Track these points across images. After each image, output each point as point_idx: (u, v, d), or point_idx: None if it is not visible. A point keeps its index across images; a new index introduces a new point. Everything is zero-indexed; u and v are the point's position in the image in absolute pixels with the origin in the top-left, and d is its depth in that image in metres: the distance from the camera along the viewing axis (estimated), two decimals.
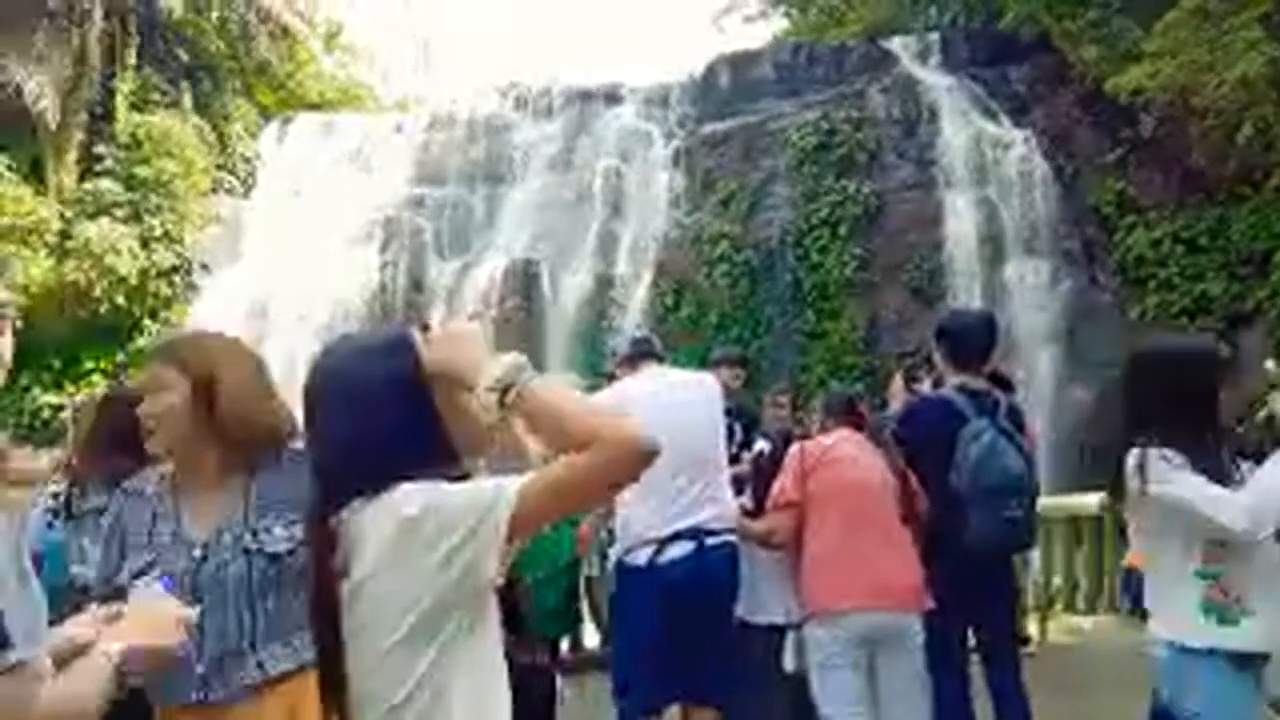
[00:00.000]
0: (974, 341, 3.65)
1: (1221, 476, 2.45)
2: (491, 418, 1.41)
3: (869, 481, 3.39)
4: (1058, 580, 7.17)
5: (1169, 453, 2.45)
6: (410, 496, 1.38)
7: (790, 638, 3.49)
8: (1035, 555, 7.02)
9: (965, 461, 3.35)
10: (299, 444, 2.04)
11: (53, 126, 14.95)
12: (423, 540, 1.36)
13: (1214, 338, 2.84)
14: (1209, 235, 12.23)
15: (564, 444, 1.38)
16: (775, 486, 3.47)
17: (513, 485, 1.38)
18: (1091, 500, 7.18)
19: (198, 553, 2.01)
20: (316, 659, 1.51)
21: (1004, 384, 6.06)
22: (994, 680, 3.58)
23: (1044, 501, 6.64)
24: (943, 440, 3.40)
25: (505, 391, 1.38)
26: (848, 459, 3.37)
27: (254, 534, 2.01)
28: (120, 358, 14.26)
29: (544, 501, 1.39)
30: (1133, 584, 3.87)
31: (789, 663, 3.47)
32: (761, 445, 3.84)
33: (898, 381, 4.88)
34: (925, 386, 4.43)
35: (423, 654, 1.39)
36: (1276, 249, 11.63)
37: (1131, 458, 2.50)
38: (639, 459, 1.38)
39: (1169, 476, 2.43)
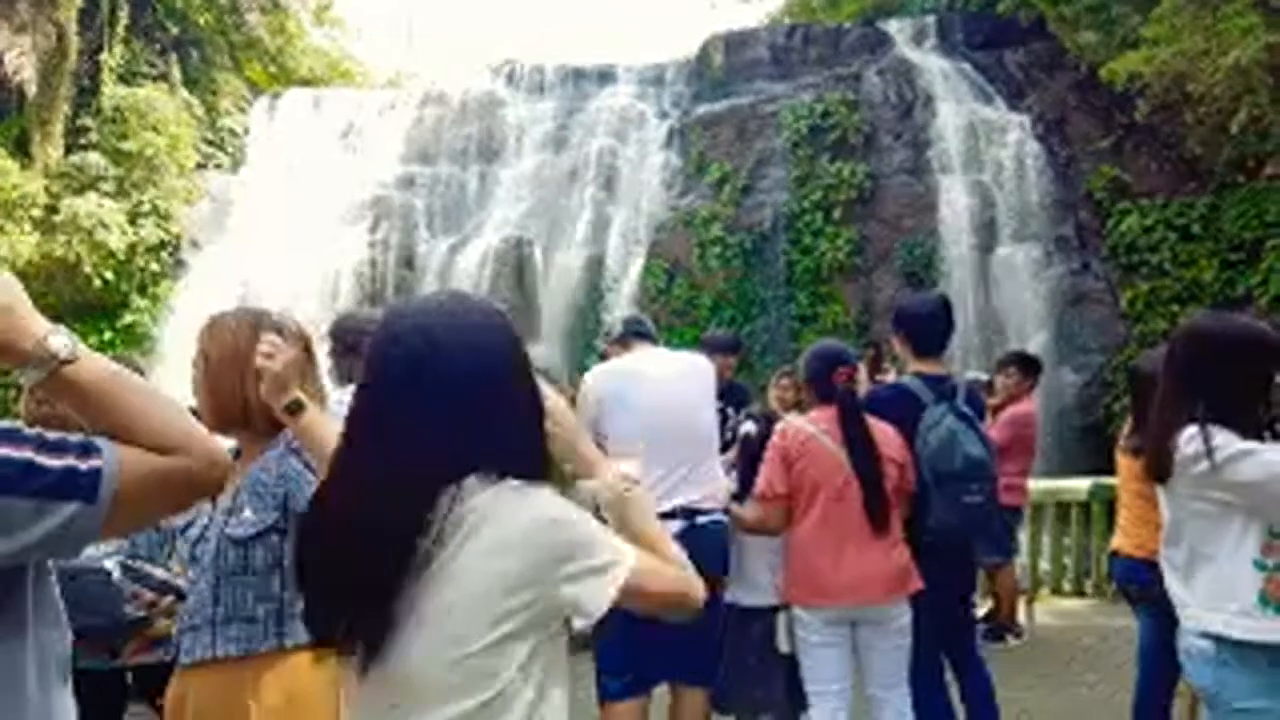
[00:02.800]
0: (932, 329, 3.63)
1: None
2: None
3: (847, 469, 3.29)
4: (1045, 564, 7.20)
5: (1215, 429, 2.35)
6: (554, 501, 1.41)
7: (782, 618, 3.49)
8: (1022, 539, 7.06)
9: (925, 448, 3.37)
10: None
11: (37, 99, 14.75)
12: (559, 548, 1.38)
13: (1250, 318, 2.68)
14: (1201, 222, 12.24)
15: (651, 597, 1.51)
16: (761, 477, 3.41)
17: (628, 563, 1.46)
18: (1080, 484, 7.21)
19: (193, 531, 2.14)
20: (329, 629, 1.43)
21: (1033, 364, 6.09)
22: (951, 653, 3.66)
23: (1032, 485, 6.71)
24: (903, 427, 3.40)
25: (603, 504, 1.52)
26: (827, 445, 3.31)
27: (239, 520, 2.06)
28: (108, 334, 14.16)
29: (630, 596, 1.48)
30: (1115, 568, 3.85)
31: (783, 644, 3.47)
32: (747, 427, 3.80)
33: (862, 372, 4.84)
34: (891, 376, 4.40)
35: (513, 656, 1.37)
36: (1268, 237, 11.65)
37: (1190, 434, 2.38)
38: (692, 607, 1.57)
39: (1243, 446, 2.31)
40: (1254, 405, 2.41)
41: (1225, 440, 2.33)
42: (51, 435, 1.18)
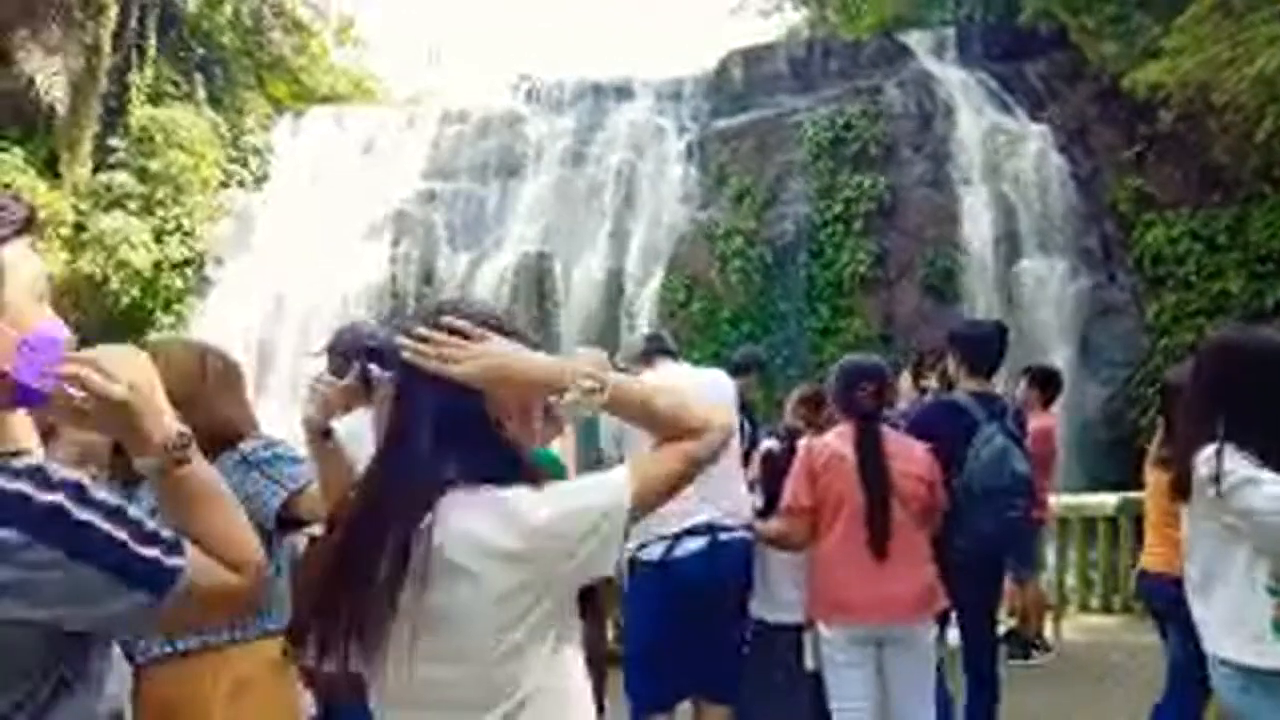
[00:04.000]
0: (988, 351, 3.83)
1: None
2: (585, 412, 1.45)
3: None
4: (1071, 580, 7.10)
5: (1246, 454, 2.29)
6: (533, 502, 1.37)
7: (809, 636, 3.47)
8: (1049, 554, 6.97)
9: (976, 462, 3.48)
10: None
11: (65, 118, 15.01)
12: (556, 545, 1.36)
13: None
14: (1228, 233, 12.10)
15: (671, 432, 1.47)
16: (786, 490, 3.42)
17: (627, 482, 1.41)
18: (1108, 500, 7.11)
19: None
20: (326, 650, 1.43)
21: (1047, 377, 6.04)
22: (971, 659, 3.82)
23: (1058, 501, 6.63)
24: (952, 442, 3.50)
25: (598, 391, 1.43)
26: (850, 461, 3.29)
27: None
28: None
29: (658, 491, 1.45)
30: (1143, 586, 3.81)
31: (810, 661, 3.46)
32: (769, 444, 3.80)
33: (906, 380, 4.86)
34: (933, 384, 4.41)
35: (534, 656, 1.37)
36: None
37: (1207, 455, 2.33)
38: (728, 443, 1.53)
39: (1249, 474, 2.26)
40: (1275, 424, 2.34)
41: (1234, 465, 2.28)
42: (149, 525, 1.21)
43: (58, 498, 1.13)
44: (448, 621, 1.33)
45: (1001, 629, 6.22)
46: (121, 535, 1.16)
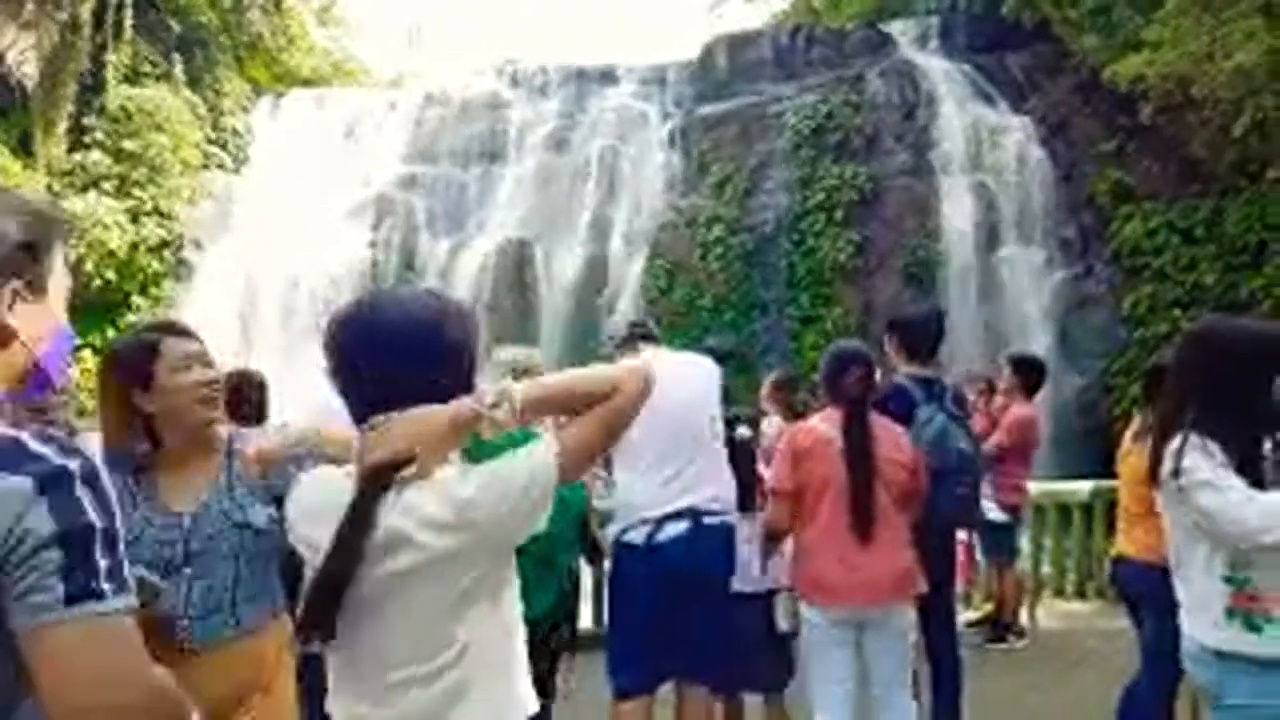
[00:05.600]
0: (925, 335, 3.89)
1: (1260, 473, 2.34)
2: (510, 429, 1.58)
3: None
4: (1047, 567, 7.19)
5: (1211, 445, 2.35)
6: (463, 477, 1.53)
7: (780, 598, 3.58)
8: (1024, 541, 7.05)
9: (919, 443, 3.53)
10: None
11: (40, 97, 14.77)
12: (484, 514, 1.50)
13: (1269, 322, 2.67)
14: (1204, 225, 12.24)
15: (588, 405, 1.59)
16: (769, 474, 3.47)
17: (549, 449, 1.56)
18: (1082, 487, 7.20)
19: (187, 523, 2.20)
20: (316, 611, 1.54)
21: (1029, 366, 6.09)
22: (933, 648, 3.89)
23: (1034, 488, 6.70)
24: (898, 422, 3.55)
25: (509, 410, 1.55)
26: (835, 446, 3.33)
27: (240, 508, 2.23)
28: (111, 333, 14.17)
29: (584, 450, 1.60)
30: (1120, 571, 3.88)
31: (782, 623, 3.59)
32: (741, 431, 3.83)
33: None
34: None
35: (464, 619, 1.51)
36: (1271, 240, 11.66)
37: (1173, 449, 2.39)
38: (649, 391, 1.65)
39: (1198, 463, 2.33)
40: (1252, 410, 2.39)
41: (1194, 463, 2.35)
42: (120, 552, 1.22)
43: (72, 464, 1.17)
44: (395, 584, 1.50)
45: (978, 615, 6.33)
46: (100, 526, 1.16)
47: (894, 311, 12.99)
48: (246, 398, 3.73)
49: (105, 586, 1.15)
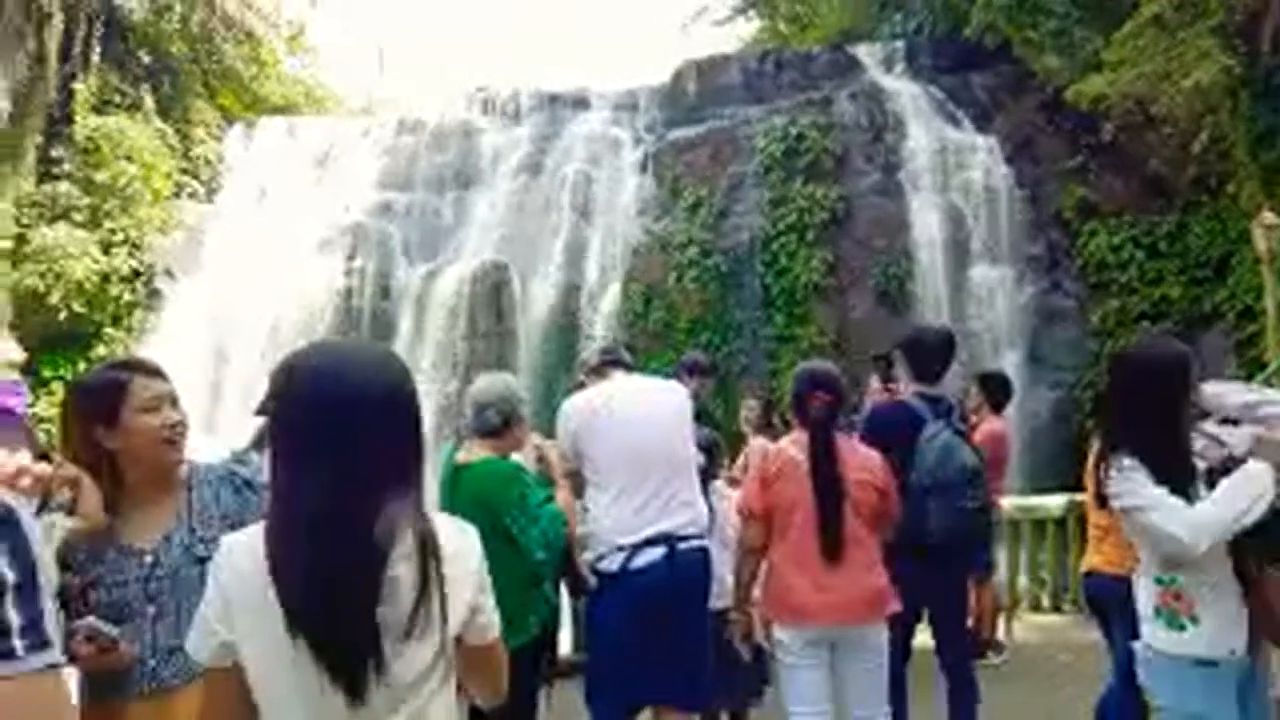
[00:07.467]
0: (934, 357, 4.01)
1: (1185, 483, 2.48)
2: None
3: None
4: (1023, 580, 7.26)
5: (1128, 461, 2.51)
6: (454, 520, 1.65)
7: (732, 620, 3.61)
8: (1000, 556, 7.12)
9: (925, 459, 3.64)
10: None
11: (8, 129, 14.66)
12: (478, 557, 1.62)
13: (1174, 341, 2.85)
14: (1168, 240, 12.48)
15: None
16: (739, 496, 3.51)
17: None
18: (1055, 501, 7.29)
19: (149, 559, 2.19)
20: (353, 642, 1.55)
21: (993, 382, 6.17)
22: (948, 660, 3.90)
23: (1008, 503, 6.78)
24: (903, 440, 3.67)
25: None
26: (802, 467, 3.36)
27: (203, 542, 2.20)
28: (82, 364, 14.01)
29: None
30: (1088, 584, 3.97)
31: (741, 648, 3.62)
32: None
33: (875, 382, 4.98)
34: (901, 386, 4.49)
35: (443, 653, 1.55)
36: (1233, 253, 11.89)
37: (1102, 472, 2.60)
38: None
39: (1125, 487, 2.51)
40: (1171, 424, 2.52)
41: (1121, 488, 2.53)
42: (42, 605, 1.17)
43: None
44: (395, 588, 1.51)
45: None
46: (12, 580, 1.08)
47: (868, 329, 13.05)
48: None
49: (17, 644, 1.06)
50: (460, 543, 1.61)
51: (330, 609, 1.45)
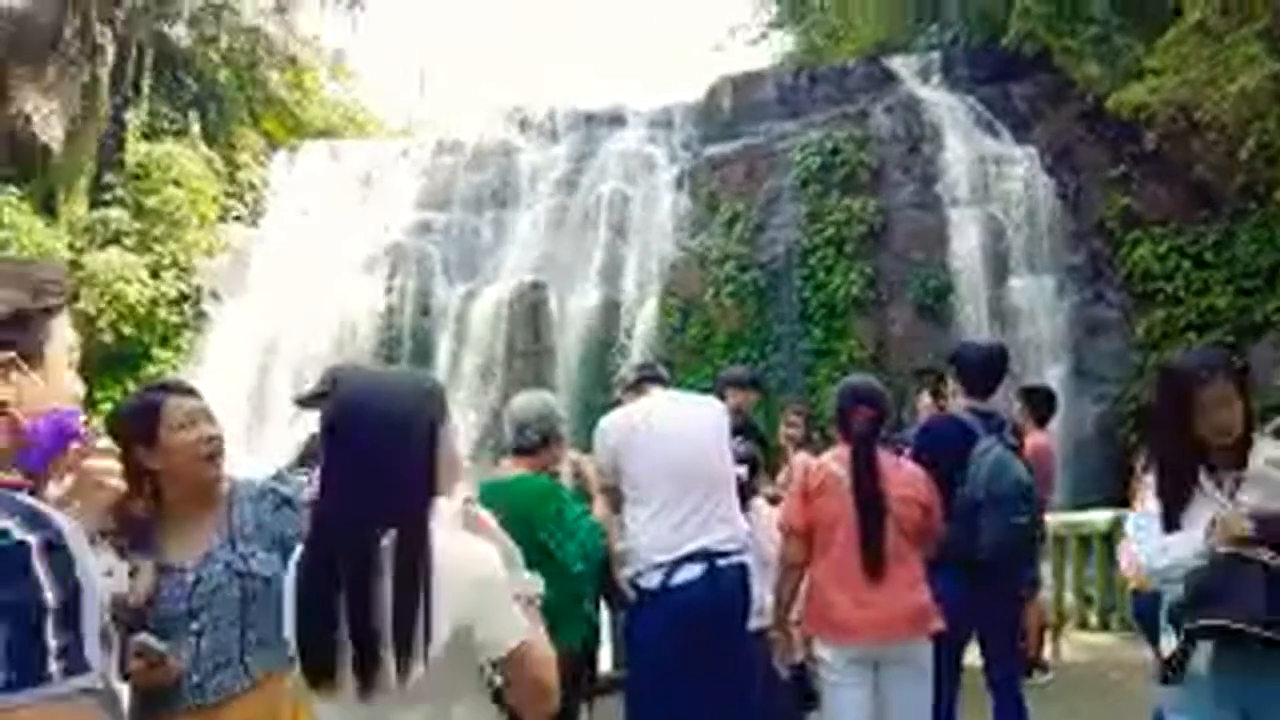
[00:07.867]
0: (986, 372, 4.00)
1: (1184, 499, 2.47)
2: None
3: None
4: (1070, 597, 7.12)
5: (1147, 479, 2.59)
6: (476, 539, 1.76)
7: (772, 638, 3.59)
8: (1047, 573, 6.99)
9: (978, 473, 3.62)
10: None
11: (62, 157, 15.12)
12: (499, 576, 1.69)
13: (1220, 352, 2.84)
14: (1215, 249, 12.22)
15: None
16: (779, 513, 3.50)
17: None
18: (1101, 516, 7.15)
19: (190, 576, 2.24)
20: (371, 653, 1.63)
21: (1037, 396, 6.11)
22: (995, 679, 3.85)
23: (1055, 519, 6.67)
24: (956, 455, 3.65)
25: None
26: (844, 483, 3.34)
27: (243, 559, 2.27)
28: (131, 385, 14.34)
29: None
30: (1135, 602, 3.92)
31: (779, 666, 3.61)
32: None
33: (925, 398, 4.96)
34: (952, 402, 4.45)
35: (449, 662, 1.63)
36: None
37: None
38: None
39: (1127, 536, 2.61)
40: (1181, 435, 2.49)
41: (1134, 518, 2.61)
42: (88, 624, 1.18)
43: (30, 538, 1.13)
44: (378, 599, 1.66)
45: None
46: (54, 604, 1.11)
47: (908, 343, 12.94)
48: None
49: (54, 669, 1.08)
50: (462, 558, 1.67)
51: (308, 615, 1.64)
